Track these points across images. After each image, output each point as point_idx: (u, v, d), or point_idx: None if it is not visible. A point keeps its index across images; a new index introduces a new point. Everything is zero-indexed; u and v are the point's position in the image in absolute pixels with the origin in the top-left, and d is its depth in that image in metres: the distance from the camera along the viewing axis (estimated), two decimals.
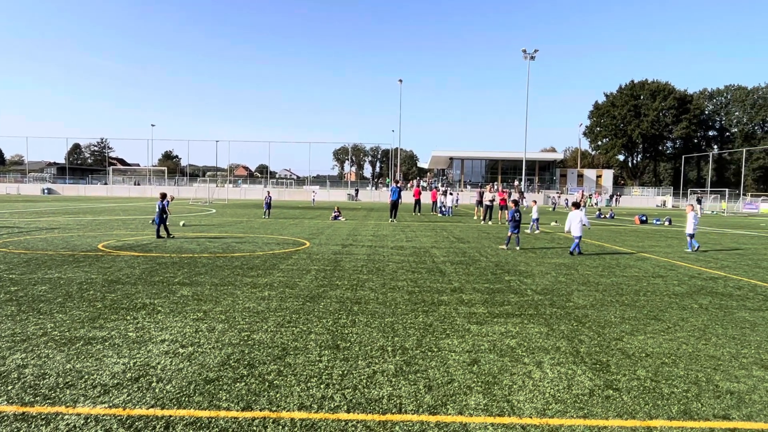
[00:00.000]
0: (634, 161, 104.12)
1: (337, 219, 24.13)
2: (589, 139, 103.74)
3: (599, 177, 79.08)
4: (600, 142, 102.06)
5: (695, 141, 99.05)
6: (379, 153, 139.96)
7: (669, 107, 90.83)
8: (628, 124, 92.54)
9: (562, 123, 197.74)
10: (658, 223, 28.10)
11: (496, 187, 61.87)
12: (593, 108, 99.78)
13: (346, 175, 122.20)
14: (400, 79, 70.91)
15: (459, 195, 48.10)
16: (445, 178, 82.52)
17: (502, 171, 76.54)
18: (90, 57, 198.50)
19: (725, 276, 9.93)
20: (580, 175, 78.87)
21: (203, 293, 7.23)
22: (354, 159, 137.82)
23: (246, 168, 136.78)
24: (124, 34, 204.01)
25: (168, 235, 14.24)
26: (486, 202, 25.84)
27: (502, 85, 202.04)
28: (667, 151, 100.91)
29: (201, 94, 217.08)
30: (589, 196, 60.12)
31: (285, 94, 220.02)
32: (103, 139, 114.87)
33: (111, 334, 5.20)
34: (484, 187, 29.90)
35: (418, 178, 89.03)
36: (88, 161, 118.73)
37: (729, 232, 22.33)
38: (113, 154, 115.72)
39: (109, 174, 77.14)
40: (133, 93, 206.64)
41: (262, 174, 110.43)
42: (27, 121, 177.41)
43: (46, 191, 68.05)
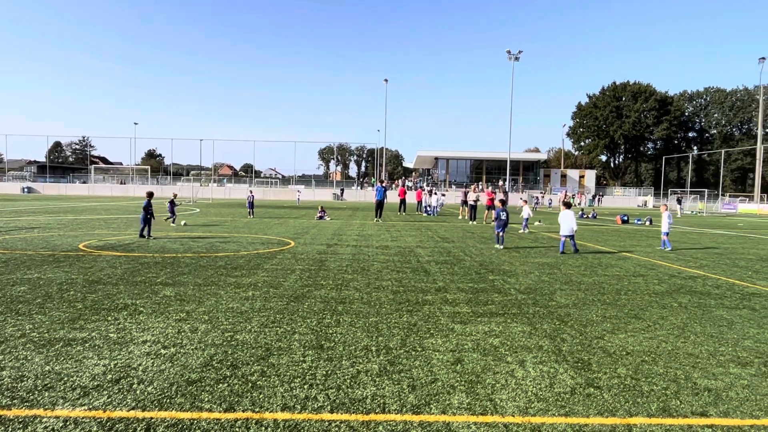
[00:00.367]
0: (616, 162, 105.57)
1: (323, 218, 24.07)
2: (572, 139, 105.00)
3: (582, 177, 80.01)
4: (583, 143, 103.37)
5: (675, 142, 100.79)
6: (365, 153, 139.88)
7: (650, 109, 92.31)
8: (611, 125, 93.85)
9: (546, 123, 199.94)
10: (640, 222, 28.53)
11: (480, 187, 62.26)
12: (576, 109, 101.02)
13: (332, 174, 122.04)
14: (386, 79, 70.95)
15: (444, 196, 48.23)
16: (430, 177, 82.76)
17: (486, 171, 77.02)
18: (73, 54, 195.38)
19: (704, 275, 10.11)
20: (564, 176, 79.70)
21: (186, 293, 7.16)
22: (339, 158, 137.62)
23: (231, 167, 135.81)
24: (108, 30, 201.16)
25: (148, 235, 14.01)
26: (470, 202, 25.99)
27: (487, 85, 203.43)
28: (648, 152, 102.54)
29: (185, 93, 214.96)
30: (572, 196, 60.80)
31: (270, 93, 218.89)
32: (85, 138, 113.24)
33: (91, 335, 5.12)
34: (469, 187, 30.04)
35: (404, 178, 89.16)
36: (70, 160, 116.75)
37: (708, 232, 22.75)
38: (95, 153, 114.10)
39: (90, 173, 75.92)
40: (117, 91, 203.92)
41: (247, 173, 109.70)
42: (5, 119, 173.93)
43: (25, 190, 66.74)
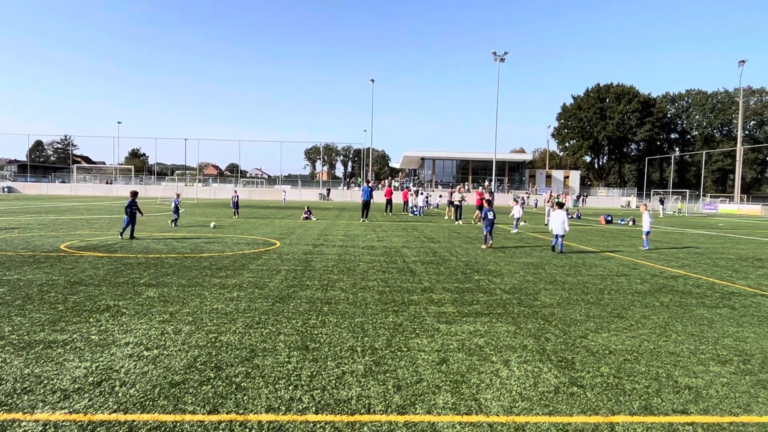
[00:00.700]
0: (600, 163, 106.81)
1: (308, 219, 23.99)
2: (557, 140, 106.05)
3: (567, 178, 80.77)
4: (567, 144, 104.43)
5: (658, 143, 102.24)
6: (351, 153, 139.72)
7: (633, 110, 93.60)
8: (594, 126, 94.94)
9: (531, 124, 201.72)
10: (623, 223, 28.89)
11: (466, 187, 62.52)
12: (561, 110, 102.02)
13: (318, 174, 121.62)
14: (372, 79, 70.88)
15: (430, 196, 48.36)
16: (416, 178, 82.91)
17: (472, 171, 77.37)
18: (54, 51, 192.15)
19: (685, 274, 10.27)
20: (549, 176, 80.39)
21: (170, 294, 7.09)
22: (326, 158, 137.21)
23: (216, 167, 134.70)
24: (91, 28, 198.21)
25: (131, 236, 13.80)
26: (456, 202, 26.10)
27: (473, 86, 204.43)
28: (632, 153, 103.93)
29: (170, 92, 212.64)
30: (557, 196, 61.36)
31: (256, 93, 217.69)
32: (67, 137, 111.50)
33: (72, 337, 5.04)
34: (455, 188, 30.19)
35: (390, 178, 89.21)
36: (51, 159, 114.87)
37: (689, 232, 23.12)
38: (77, 152, 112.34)
39: (72, 172, 74.70)
40: (100, 89, 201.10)
41: (233, 173, 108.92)
42: None
43: (5, 190, 65.43)
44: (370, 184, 27.26)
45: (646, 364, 4.75)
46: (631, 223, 28.45)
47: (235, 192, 26.31)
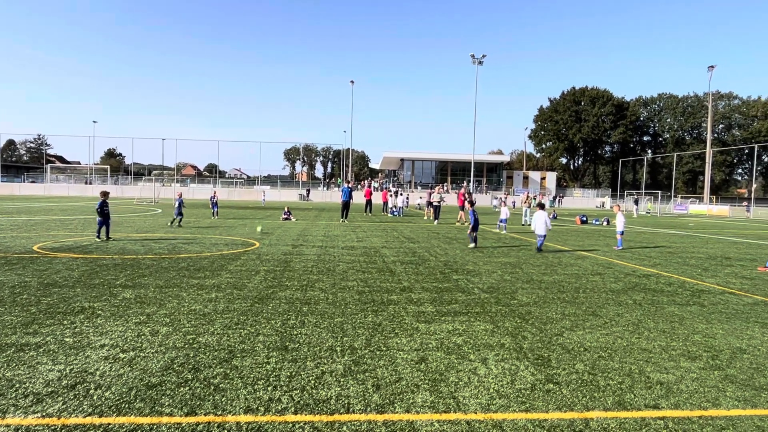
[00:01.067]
0: (576, 164, 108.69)
1: (288, 219, 23.85)
2: (534, 142, 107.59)
3: (543, 179, 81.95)
4: (544, 146, 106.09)
5: (631, 145, 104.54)
6: (331, 153, 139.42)
7: (607, 113, 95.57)
8: (570, 128, 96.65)
9: (509, 126, 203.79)
10: (597, 223, 29.43)
11: (445, 188, 62.85)
12: (538, 112, 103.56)
13: (298, 175, 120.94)
14: (352, 80, 70.88)
15: (409, 197, 48.55)
16: (396, 178, 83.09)
17: (451, 172, 77.91)
18: (26, 49, 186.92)
19: (657, 273, 10.53)
20: (526, 177, 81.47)
21: (147, 296, 6.98)
22: (305, 159, 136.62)
23: (194, 167, 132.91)
24: (63, 24, 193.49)
25: (107, 236, 13.55)
26: (434, 203, 26.26)
27: (452, 88, 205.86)
28: (606, 155, 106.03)
29: (147, 92, 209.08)
30: (533, 197, 62.18)
31: (235, 93, 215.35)
32: (41, 136, 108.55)
33: (46, 339, 4.93)
34: (434, 189, 30.36)
35: (370, 179, 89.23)
36: (24, 158, 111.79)
37: (661, 232, 23.67)
38: (51, 152, 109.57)
39: (46, 172, 72.76)
40: (75, 88, 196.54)
41: (211, 173, 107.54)
42: None
43: None
44: (350, 185, 27.23)
45: (620, 360, 4.87)
46: (605, 223, 28.99)
47: (215, 192, 26.01)
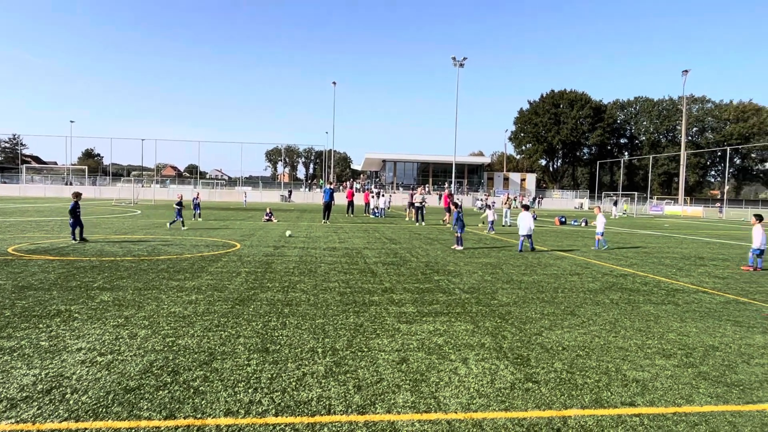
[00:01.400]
0: (555, 166, 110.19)
1: (270, 220, 23.69)
2: (514, 144, 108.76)
3: (523, 180, 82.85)
4: (524, 148, 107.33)
5: (609, 148, 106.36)
6: (313, 154, 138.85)
7: (585, 116, 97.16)
8: (549, 131, 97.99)
9: (490, 128, 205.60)
10: (576, 224, 29.87)
11: (427, 189, 63.10)
12: (518, 115, 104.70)
13: (279, 176, 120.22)
14: (334, 82, 70.64)
15: (391, 198, 48.62)
16: (378, 180, 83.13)
17: (433, 174, 78.25)
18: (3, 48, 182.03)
19: (633, 273, 10.74)
20: (506, 179, 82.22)
21: (125, 298, 6.88)
22: (287, 160, 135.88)
23: (174, 168, 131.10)
24: (40, 25, 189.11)
25: (81, 238, 13.28)
26: (416, 204, 26.35)
27: (434, 90, 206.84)
28: (584, 157, 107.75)
29: (126, 92, 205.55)
30: (513, 198, 62.79)
31: (216, 94, 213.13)
32: (15, 135, 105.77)
33: (20, 343, 4.83)
34: (416, 190, 30.46)
35: (352, 180, 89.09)
36: None
37: (637, 232, 24.12)
38: (27, 152, 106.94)
39: (21, 172, 70.97)
40: (51, 88, 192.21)
41: (192, 174, 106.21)
42: None
43: None
44: (332, 186, 27.17)
45: (597, 359, 4.96)
46: (583, 224, 29.43)
47: (198, 194, 25.71)
